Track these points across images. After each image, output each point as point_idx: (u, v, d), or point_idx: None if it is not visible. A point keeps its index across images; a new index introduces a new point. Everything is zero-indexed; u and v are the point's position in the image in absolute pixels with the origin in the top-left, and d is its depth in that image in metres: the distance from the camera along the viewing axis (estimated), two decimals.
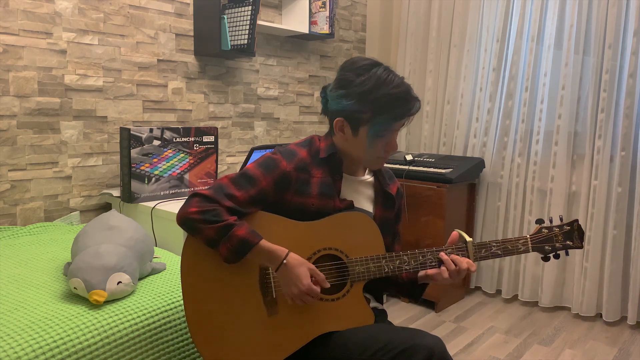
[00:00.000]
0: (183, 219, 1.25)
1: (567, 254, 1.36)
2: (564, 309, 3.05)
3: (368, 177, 1.44)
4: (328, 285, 1.26)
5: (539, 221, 1.35)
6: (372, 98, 1.25)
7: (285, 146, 1.36)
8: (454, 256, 1.29)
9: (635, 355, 2.47)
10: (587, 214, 2.90)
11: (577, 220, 1.35)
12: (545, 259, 1.34)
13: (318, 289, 1.24)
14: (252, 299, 1.27)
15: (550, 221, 1.36)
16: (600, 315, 2.90)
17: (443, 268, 1.29)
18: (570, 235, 1.34)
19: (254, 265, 1.28)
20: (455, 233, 1.33)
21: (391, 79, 1.26)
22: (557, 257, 1.34)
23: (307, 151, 1.36)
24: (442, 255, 1.30)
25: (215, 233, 1.22)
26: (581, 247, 1.34)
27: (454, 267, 1.28)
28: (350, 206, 1.36)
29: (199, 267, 1.28)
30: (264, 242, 1.24)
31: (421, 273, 1.35)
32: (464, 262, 1.28)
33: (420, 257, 1.31)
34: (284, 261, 1.23)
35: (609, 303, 2.81)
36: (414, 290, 1.43)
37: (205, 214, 1.23)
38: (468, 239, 1.31)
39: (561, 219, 1.36)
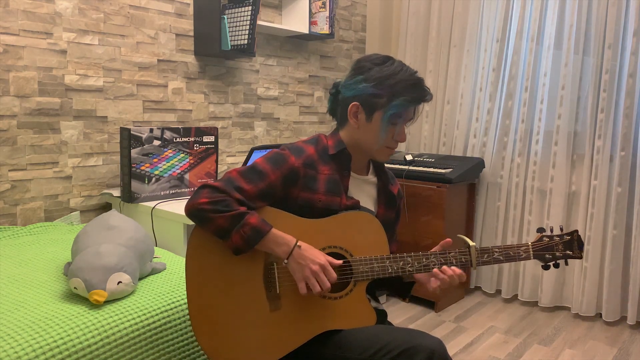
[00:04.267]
0: (193, 209, 1.25)
1: (566, 263, 1.41)
2: (564, 308, 3.05)
3: (371, 177, 1.46)
4: (334, 275, 1.26)
5: (540, 230, 1.38)
6: (389, 83, 1.31)
7: (293, 143, 1.38)
8: (445, 268, 1.31)
9: (635, 355, 2.48)
10: (587, 214, 2.90)
11: (577, 231, 1.38)
12: (546, 267, 1.37)
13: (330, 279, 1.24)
14: (255, 293, 1.28)
15: (551, 230, 1.40)
16: (600, 315, 2.90)
17: (433, 278, 1.31)
18: (570, 245, 1.37)
19: (259, 260, 1.28)
20: (448, 240, 1.35)
21: (407, 68, 1.34)
22: (556, 266, 1.37)
23: (315, 148, 1.37)
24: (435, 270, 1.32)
25: (228, 222, 1.23)
26: (580, 257, 1.38)
27: (446, 276, 1.30)
28: (356, 204, 1.37)
29: (204, 261, 1.28)
30: (275, 230, 1.25)
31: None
32: (456, 275, 1.30)
33: (424, 260, 1.32)
34: (297, 243, 1.24)
35: (609, 303, 2.81)
36: (400, 288, 1.46)
37: (216, 204, 1.23)
38: (471, 243, 1.33)
39: (561, 229, 1.40)
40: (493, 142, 3.20)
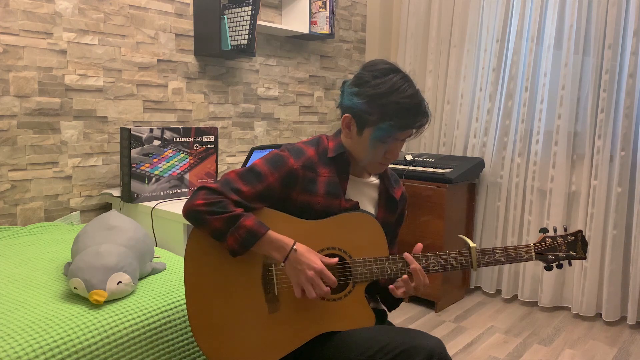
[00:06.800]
0: (190, 211, 1.25)
1: (569, 264, 1.36)
2: (564, 308, 3.05)
3: (374, 179, 1.45)
4: (333, 279, 1.26)
5: (543, 230, 1.35)
6: (381, 102, 1.25)
7: (293, 144, 1.37)
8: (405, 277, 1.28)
9: (635, 355, 2.48)
10: (587, 214, 2.90)
11: (581, 231, 1.35)
12: (548, 268, 1.34)
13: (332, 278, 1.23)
14: (253, 295, 1.27)
15: (554, 230, 1.36)
16: (600, 315, 2.90)
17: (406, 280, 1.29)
18: (574, 245, 1.34)
19: (257, 262, 1.28)
20: (418, 245, 1.32)
21: (404, 88, 1.25)
22: (559, 267, 1.34)
23: (315, 150, 1.36)
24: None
25: (223, 224, 1.22)
26: (584, 257, 1.34)
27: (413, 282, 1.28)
28: (355, 207, 1.36)
29: (202, 262, 1.28)
30: (272, 232, 1.24)
31: (390, 286, 1.33)
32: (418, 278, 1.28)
33: (424, 261, 1.31)
34: (294, 247, 1.23)
35: (609, 303, 2.81)
36: (388, 300, 1.45)
37: (212, 206, 1.23)
38: (472, 244, 1.31)
39: (565, 229, 1.36)
40: (493, 142, 3.20)
